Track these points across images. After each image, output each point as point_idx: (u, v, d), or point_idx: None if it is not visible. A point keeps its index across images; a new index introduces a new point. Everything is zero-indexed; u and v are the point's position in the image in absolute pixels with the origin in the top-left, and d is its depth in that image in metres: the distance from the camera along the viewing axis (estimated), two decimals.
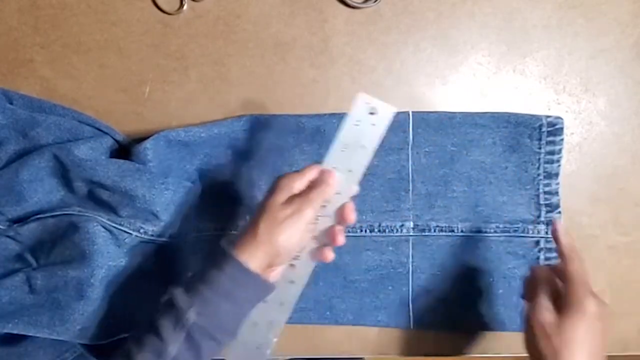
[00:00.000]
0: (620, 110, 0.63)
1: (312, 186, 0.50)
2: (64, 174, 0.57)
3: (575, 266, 0.50)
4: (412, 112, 0.62)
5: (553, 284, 0.52)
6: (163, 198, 0.57)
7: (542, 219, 0.62)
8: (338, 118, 0.60)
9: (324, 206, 0.50)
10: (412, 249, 0.63)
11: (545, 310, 0.50)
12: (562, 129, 0.61)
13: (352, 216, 0.50)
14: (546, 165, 0.62)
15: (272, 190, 0.49)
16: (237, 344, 0.49)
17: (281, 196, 0.48)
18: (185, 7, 0.62)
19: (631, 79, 0.63)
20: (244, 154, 0.62)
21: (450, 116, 0.61)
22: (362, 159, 0.50)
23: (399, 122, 0.61)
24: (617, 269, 0.64)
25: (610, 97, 0.63)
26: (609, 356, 0.65)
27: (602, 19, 0.62)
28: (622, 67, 0.63)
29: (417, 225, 0.63)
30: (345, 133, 0.50)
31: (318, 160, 0.50)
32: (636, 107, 0.63)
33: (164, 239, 0.59)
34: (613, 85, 0.63)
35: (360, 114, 0.50)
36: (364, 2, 0.62)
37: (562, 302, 0.50)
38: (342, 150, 0.50)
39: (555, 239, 0.53)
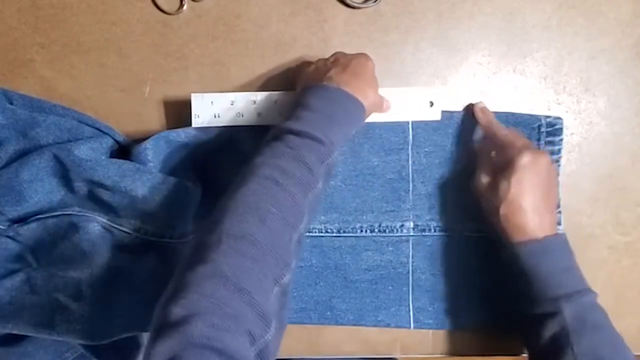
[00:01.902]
0: (620, 110, 0.63)
1: None
2: (64, 174, 0.57)
3: (500, 132, 0.57)
4: None
5: (489, 156, 0.58)
6: (163, 198, 0.57)
7: None
8: None
9: None
10: (412, 249, 0.63)
11: (482, 177, 0.56)
12: (561, 129, 0.61)
13: None
14: None
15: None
16: None
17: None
18: (185, 7, 0.62)
19: (631, 79, 0.63)
20: (244, 154, 0.62)
21: (450, 116, 0.61)
22: None
23: (399, 122, 0.61)
24: (617, 269, 0.64)
25: (610, 97, 0.63)
26: None
27: (602, 19, 0.62)
28: (622, 67, 0.63)
29: (417, 225, 0.63)
30: None
31: None
32: (636, 107, 0.63)
33: (164, 239, 0.59)
34: (613, 85, 0.63)
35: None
36: (364, 2, 0.62)
37: (501, 166, 0.55)
38: None
39: (477, 118, 0.59)
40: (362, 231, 0.63)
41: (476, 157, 0.59)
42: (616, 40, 0.62)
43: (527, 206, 0.53)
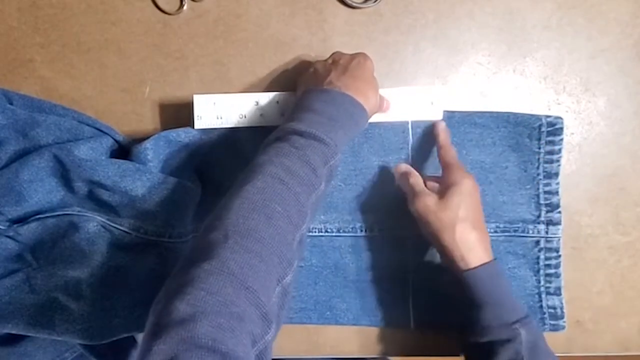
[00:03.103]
0: (620, 110, 0.63)
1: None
2: (64, 174, 0.57)
3: (451, 154, 0.57)
4: None
5: (419, 176, 0.58)
6: (163, 198, 0.57)
7: (542, 218, 0.62)
8: None
9: None
10: (412, 248, 0.63)
11: (426, 195, 0.55)
12: (561, 128, 0.61)
13: None
14: (546, 165, 0.62)
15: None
16: None
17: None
18: (185, 7, 0.62)
19: (631, 79, 0.63)
20: (244, 154, 0.62)
21: (450, 116, 0.61)
22: None
23: (398, 122, 0.61)
24: (617, 269, 0.64)
25: (610, 97, 0.63)
26: (609, 356, 0.65)
27: (602, 19, 0.62)
28: (622, 67, 0.63)
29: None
30: None
31: None
32: (636, 107, 0.63)
33: (164, 239, 0.59)
34: (613, 85, 0.63)
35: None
36: (364, 2, 0.62)
37: (440, 186, 0.56)
38: None
39: (435, 134, 0.59)
40: (362, 231, 0.63)
41: (409, 180, 0.58)
42: (616, 40, 0.62)
43: (477, 226, 0.54)
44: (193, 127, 0.58)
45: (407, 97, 0.59)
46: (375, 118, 0.57)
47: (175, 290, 0.37)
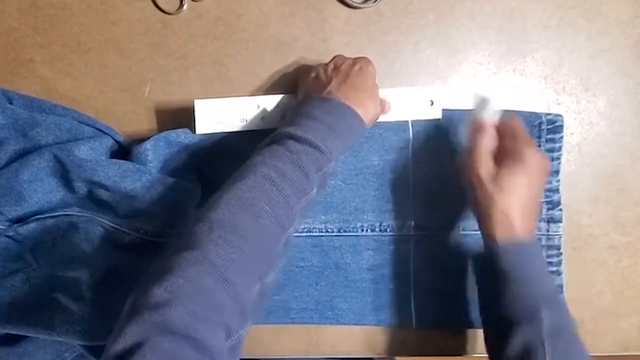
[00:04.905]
0: (620, 110, 0.63)
1: None
2: (64, 174, 0.57)
3: (518, 123, 0.54)
4: None
5: (493, 141, 0.54)
6: (163, 199, 0.57)
7: (543, 216, 0.62)
8: None
9: None
10: (413, 248, 0.63)
11: (483, 162, 0.52)
12: (561, 126, 0.61)
13: None
14: None
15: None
16: None
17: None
18: (185, 7, 0.62)
19: (631, 79, 0.63)
20: (244, 155, 0.62)
21: (450, 115, 0.61)
22: None
23: (399, 122, 0.61)
24: (617, 269, 0.64)
25: (610, 97, 0.63)
26: (609, 356, 0.65)
27: (602, 19, 0.62)
28: (622, 67, 0.63)
29: (418, 224, 0.63)
30: None
31: None
32: (636, 107, 0.63)
33: (163, 239, 0.59)
34: (613, 85, 0.63)
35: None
36: (364, 2, 0.62)
37: (502, 156, 0.52)
38: None
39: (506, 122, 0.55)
40: (362, 230, 0.63)
41: (482, 138, 0.54)
42: (616, 40, 0.62)
43: (523, 203, 0.51)
44: (194, 132, 0.58)
45: (407, 97, 0.59)
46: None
47: (154, 276, 0.37)
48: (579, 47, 0.63)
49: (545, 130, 0.61)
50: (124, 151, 0.61)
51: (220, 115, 0.58)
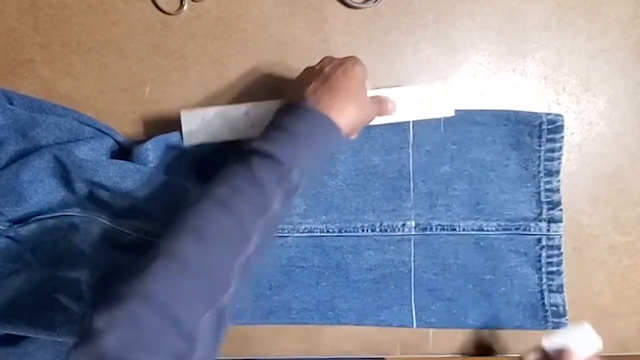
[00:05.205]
0: (620, 110, 0.63)
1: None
2: (64, 174, 0.57)
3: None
4: None
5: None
6: (163, 199, 0.57)
7: (544, 216, 0.62)
8: None
9: None
10: (414, 248, 0.63)
11: None
12: (562, 126, 0.61)
13: None
14: (546, 163, 0.62)
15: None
16: None
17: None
18: (185, 7, 0.62)
19: (631, 79, 0.63)
20: None
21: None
22: None
23: (399, 122, 0.61)
24: (617, 269, 0.64)
25: (610, 97, 0.63)
26: (609, 356, 0.65)
27: (602, 19, 0.62)
28: (622, 67, 0.63)
29: (419, 224, 0.63)
30: None
31: None
32: (636, 107, 0.63)
33: None
34: (613, 85, 0.63)
35: None
36: (364, 2, 0.62)
37: None
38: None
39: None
40: (363, 230, 0.63)
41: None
42: (616, 40, 0.63)
43: None
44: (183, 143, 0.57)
45: (415, 96, 0.58)
46: (381, 120, 0.56)
47: (104, 303, 0.39)
48: (579, 47, 0.63)
49: (546, 130, 0.61)
50: (124, 151, 0.61)
51: (208, 125, 0.57)
